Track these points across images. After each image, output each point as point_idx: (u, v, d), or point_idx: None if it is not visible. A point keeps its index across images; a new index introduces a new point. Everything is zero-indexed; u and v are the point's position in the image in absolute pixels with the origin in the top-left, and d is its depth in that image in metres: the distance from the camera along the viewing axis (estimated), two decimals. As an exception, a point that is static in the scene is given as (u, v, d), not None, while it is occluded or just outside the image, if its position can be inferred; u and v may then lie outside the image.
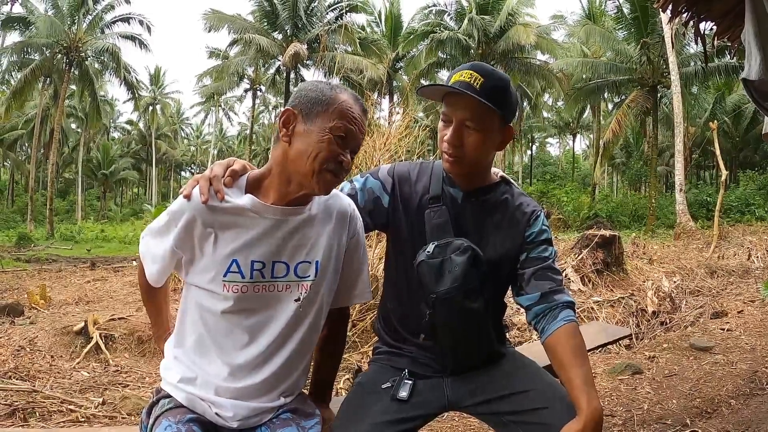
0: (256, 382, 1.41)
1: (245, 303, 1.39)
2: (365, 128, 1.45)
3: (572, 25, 32.55)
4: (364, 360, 4.39)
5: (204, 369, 1.41)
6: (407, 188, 1.65)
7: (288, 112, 1.38)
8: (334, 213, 1.50)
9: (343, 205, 1.53)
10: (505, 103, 1.54)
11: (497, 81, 1.53)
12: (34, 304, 6.87)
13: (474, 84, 1.50)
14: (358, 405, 1.55)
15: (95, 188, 51.64)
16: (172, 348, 1.48)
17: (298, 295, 1.44)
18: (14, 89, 26.95)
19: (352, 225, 1.54)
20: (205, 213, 1.36)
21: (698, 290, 7.53)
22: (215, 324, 1.40)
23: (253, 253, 1.39)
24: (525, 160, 54.92)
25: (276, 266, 1.41)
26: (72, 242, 22.78)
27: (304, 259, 1.44)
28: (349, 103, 1.39)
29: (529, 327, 2.03)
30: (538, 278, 1.59)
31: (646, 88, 23.24)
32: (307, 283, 1.45)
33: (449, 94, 1.56)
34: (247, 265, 1.38)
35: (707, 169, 43.57)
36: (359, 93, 22.69)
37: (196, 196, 1.36)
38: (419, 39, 29.11)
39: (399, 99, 29.12)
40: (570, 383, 1.45)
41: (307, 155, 1.35)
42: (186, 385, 1.40)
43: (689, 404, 3.50)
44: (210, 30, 26.61)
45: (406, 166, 1.71)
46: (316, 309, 1.48)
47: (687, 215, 18.31)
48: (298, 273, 1.44)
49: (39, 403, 3.50)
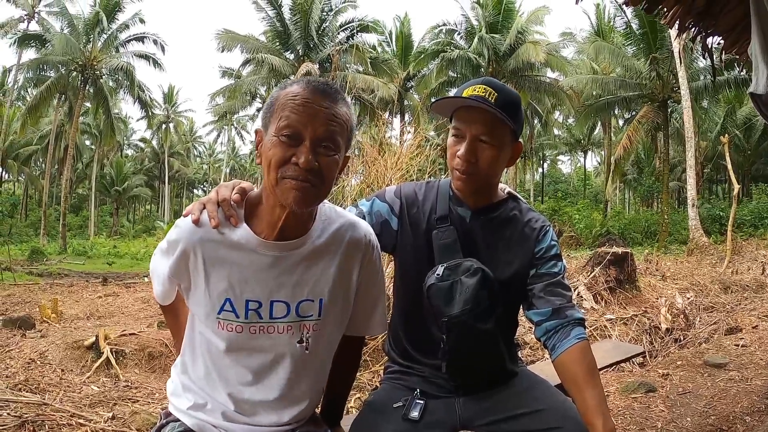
0: (265, 411, 1.35)
1: (242, 344, 1.30)
2: (335, 109, 1.21)
3: (581, 42, 32.60)
4: (375, 379, 4.36)
5: (212, 396, 1.35)
6: (415, 209, 1.63)
7: (257, 132, 1.27)
8: (343, 243, 1.36)
9: (357, 234, 1.39)
10: (516, 118, 1.54)
11: (510, 96, 1.53)
12: (46, 318, 6.90)
13: (489, 98, 1.49)
14: (369, 425, 1.53)
15: (108, 204, 52.11)
16: (180, 374, 1.42)
17: (301, 337, 1.33)
18: (30, 105, 27.52)
19: (367, 255, 1.40)
20: (200, 246, 1.26)
21: (712, 306, 7.44)
22: (220, 358, 1.32)
23: (248, 291, 1.27)
24: (536, 177, 54.80)
25: (275, 306, 1.30)
26: (84, 257, 22.94)
27: (306, 297, 1.32)
28: (294, 92, 1.20)
29: (540, 345, 2.01)
30: (549, 294, 1.57)
31: (657, 104, 23.23)
32: (311, 323, 1.33)
33: (462, 109, 1.54)
34: (241, 305, 1.28)
35: (719, 184, 43.24)
36: (370, 112, 22.98)
37: (203, 222, 1.26)
38: (430, 58, 29.33)
39: (410, 118, 29.37)
40: (584, 404, 1.43)
41: (265, 169, 1.22)
42: (196, 412, 1.35)
43: (704, 422, 3.45)
44: (223, 50, 26.90)
45: (412, 187, 1.68)
46: (325, 347, 1.40)
47: (700, 230, 18.14)
48: (300, 313, 1.32)
49: (48, 416, 3.50)
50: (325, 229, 1.35)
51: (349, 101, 1.30)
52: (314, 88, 1.20)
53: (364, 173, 5.86)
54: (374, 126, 7.60)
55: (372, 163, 5.68)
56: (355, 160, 6.08)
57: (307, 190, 1.20)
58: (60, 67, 27.80)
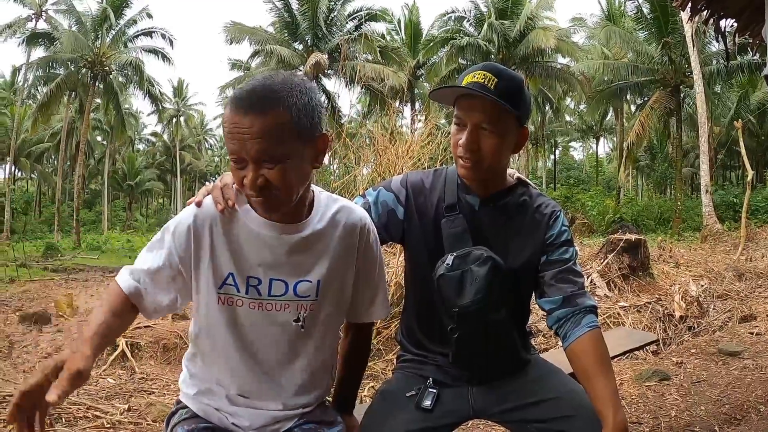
0: (268, 395, 1.39)
1: (242, 318, 1.35)
2: (263, 121, 1.17)
3: (592, 27, 32.28)
4: (388, 368, 4.37)
5: (217, 380, 1.39)
6: (422, 198, 1.60)
7: None
8: (339, 227, 1.40)
9: (353, 218, 1.42)
10: (520, 103, 1.49)
11: (511, 80, 1.48)
12: (61, 313, 6.98)
13: (488, 84, 1.45)
14: (382, 414, 1.53)
15: (121, 199, 52.59)
16: (188, 362, 1.46)
17: (298, 316, 1.37)
18: (40, 103, 27.73)
19: (363, 239, 1.43)
20: (207, 222, 1.31)
21: (726, 294, 7.36)
22: (222, 337, 1.36)
23: (249, 269, 1.33)
24: (548, 164, 54.51)
25: (273, 284, 1.34)
26: (98, 252, 23.17)
27: (304, 277, 1.36)
28: (226, 117, 1.21)
29: (553, 333, 2.00)
30: (560, 281, 1.54)
31: (669, 89, 23.00)
32: (308, 303, 1.38)
33: (462, 96, 1.50)
34: (242, 281, 1.33)
35: (733, 170, 42.81)
36: (381, 101, 22.90)
37: (206, 204, 1.32)
38: (439, 46, 29.17)
39: (421, 106, 29.20)
40: (595, 394, 1.41)
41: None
42: (202, 397, 1.39)
43: (718, 411, 3.42)
44: (231, 42, 26.90)
45: (419, 175, 1.65)
46: (322, 329, 1.42)
47: (713, 217, 17.99)
48: (298, 293, 1.36)
49: (65, 409, 3.54)
50: (323, 215, 1.39)
51: (301, 87, 1.23)
52: (236, 108, 1.18)
53: (375, 162, 5.85)
54: (385, 115, 7.57)
55: (383, 152, 5.66)
56: (366, 150, 6.07)
57: (267, 202, 1.25)
58: (69, 64, 27.96)
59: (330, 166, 8.01)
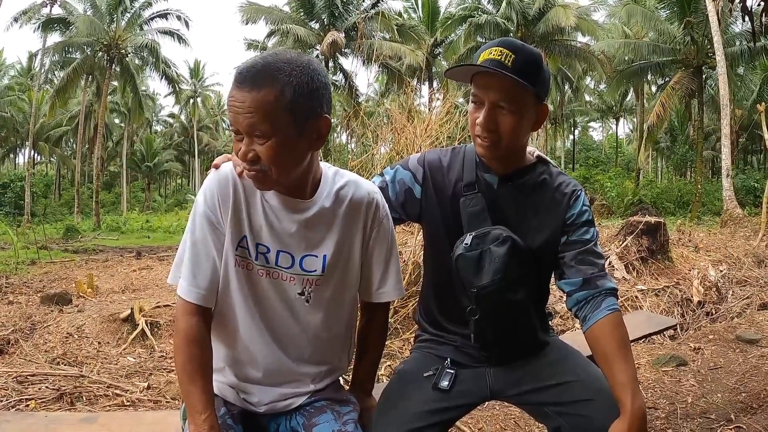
0: (279, 370, 1.41)
1: (252, 282, 1.37)
2: (256, 96, 1.20)
3: (613, 5, 31.60)
4: (406, 347, 4.38)
5: (230, 356, 1.41)
6: (440, 177, 1.58)
7: None
8: (345, 202, 1.40)
9: (359, 194, 1.42)
10: (538, 80, 1.44)
11: (529, 56, 1.43)
12: (82, 293, 7.09)
13: (505, 61, 1.40)
14: (398, 393, 1.53)
15: (140, 180, 53.02)
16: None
17: (302, 289, 1.39)
18: (57, 88, 27.86)
19: (370, 215, 1.43)
20: (233, 183, 1.33)
21: (745, 280, 7.25)
22: (237, 301, 1.37)
23: (260, 236, 1.36)
24: (567, 145, 53.95)
25: (281, 255, 1.37)
26: (118, 233, 23.45)
27: (310, 252, 1.38)
28: (231, 92, 1.24)
29: (572, 315, 1.98)
30: (580, 263, 1.51)
31: (691, 70, 22.53)
32: (313, 278, 1.39)
33: (479, 74, 1.46)
34: (253, 246, 1.35)
35: (755, 154, 41.98)
36: (398, 80, 22.70)
37: (224, 168, 1.35)
38: (457, 24, 28.70)
39: (438, 85, 28.94)
40: (614, 379, 1.39)
41: None
42: (216, 375, 1.41)
43: (734, 398, 3.38)
44: (247, 22, 26.80)
45: (437, 154, 1.63)
46: (328, 305, 1.43)
47: (734, 202, 17.66)
48: (304, 266, 1.38)
49: (86, 387, 3.61)
50: (330, 191, 1.40)
51: (304, 67, 1.24)
52: (236, 83, 1.22)
53: (393, 141, 5.81)
54: (402, 93, 7.51)
55: (401, 130, 5.62)
56: (384, 128, 6.04)
57: (257, 176, 1.27)
58: (85, 48, 27.99)
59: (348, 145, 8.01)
